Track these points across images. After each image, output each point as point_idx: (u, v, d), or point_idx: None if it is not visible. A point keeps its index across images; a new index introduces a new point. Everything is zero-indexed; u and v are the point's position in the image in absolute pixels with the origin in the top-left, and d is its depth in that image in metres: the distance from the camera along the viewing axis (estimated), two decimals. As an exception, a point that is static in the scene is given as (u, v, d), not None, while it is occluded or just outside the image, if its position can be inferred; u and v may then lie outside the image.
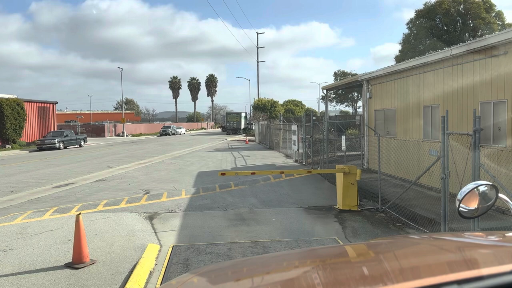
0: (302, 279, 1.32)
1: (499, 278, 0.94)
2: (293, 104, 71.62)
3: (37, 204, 10.71)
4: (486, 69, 8.11)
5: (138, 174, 16.47)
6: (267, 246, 6.85)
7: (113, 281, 5.31)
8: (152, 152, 27.74)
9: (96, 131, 56.12)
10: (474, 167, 5.78)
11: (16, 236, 7.57)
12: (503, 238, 1.60)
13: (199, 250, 6.65)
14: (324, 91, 19.95)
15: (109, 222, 8.38)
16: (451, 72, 9.29)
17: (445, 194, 6.51)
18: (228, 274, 1.63)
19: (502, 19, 35.17)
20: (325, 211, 9.36)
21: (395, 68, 11.87)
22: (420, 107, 10.56)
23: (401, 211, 8.34)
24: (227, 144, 36.63)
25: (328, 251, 1.90)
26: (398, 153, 10.98)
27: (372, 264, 1.44)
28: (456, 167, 6.20)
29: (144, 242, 7.03)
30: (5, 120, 33.96)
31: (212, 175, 15.24)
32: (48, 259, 6.20)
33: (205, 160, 21.57)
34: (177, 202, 10.63)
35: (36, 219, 8.90)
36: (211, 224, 8.36)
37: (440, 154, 6.63)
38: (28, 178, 15.99)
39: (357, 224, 8.12)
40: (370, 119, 13.96)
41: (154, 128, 71.81)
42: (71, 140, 34.68)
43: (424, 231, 7.36)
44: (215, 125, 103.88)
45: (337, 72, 61.78)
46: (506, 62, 7.51)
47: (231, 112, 75.49)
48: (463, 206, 1.95)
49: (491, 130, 7.98)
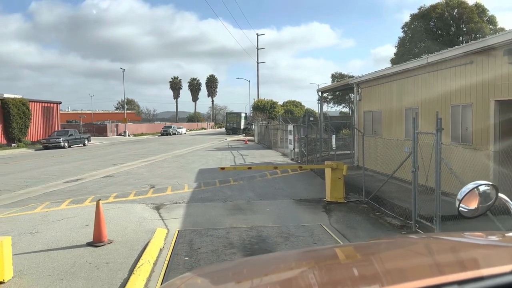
0: (302, 279, 1.32)
1: (500, 279, 0.93)
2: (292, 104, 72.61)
3: (52, 196, 11.71)
4: (456, 75, 9.13)
5: (143, 171, 17.47)
6: (260, 230, 7.84)
7: (129, 255, 6.31)
8: (155, 151, 28.74)
9: (98, 130, 57.09)
10: (437, 161, 6.78)
11: (39, 222, 8.56)
12: (503, 238, 1.59)
13: (202, 233, 7.64)
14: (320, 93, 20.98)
15: (121, 211, 9.38)
16: (427, 78, 10.31)
17: (415, 185, 7.51)
18: (229, 274, 1.63)
19: (495, 23, 36.25)
20: (314, 203, 10.35)
21: (382, 73, 12.88)
22: (402, 109, 11.57)
23: (382, 202, 9.35)
24: (227, 143, 37.60)
25: (328, 251, 1.89)
26: (383, 152, 11.99)
27: (372, 265, 1.44)
28: (424, 161, 7.21)
29: (153, 227, 8.03)
30: (11, 119, 34.99)
31: (212, 172, 16.22)
32: (71, 240, 7.19)
33: (205, 159, 22.56)
34: (180, 195, 11.62)
35: (54, 209, 9.89)
36: (211, 213, 9.36)
37: (411, 150, 7.64)
38: (39, 174, 16.98)
39: (341, 213, 9.12)
40: (360, 120, 15.00)
41: (155, 128, 72.74)
42: (75, 139, 35.68)
43: (399, 219, 8.35)
44: (216, 125, 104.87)
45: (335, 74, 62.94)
46: (472, 70, 8.52)
47: (231, 112, 76.53)
48: (463, 206, 1.92)
49: (460, 130, 9.00)
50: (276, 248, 6.74)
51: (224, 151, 28.08)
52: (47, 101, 42.56)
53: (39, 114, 40.06)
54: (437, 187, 6.74)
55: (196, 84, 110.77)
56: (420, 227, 7.48)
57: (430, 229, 7.12)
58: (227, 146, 34.20)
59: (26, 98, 37.41)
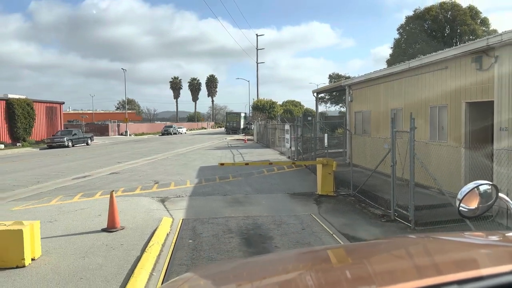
0: (302, 279, 1.32)
1: (499, 279, 0.94)
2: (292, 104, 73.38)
3: (64, 191, 12.60)
4: (434, 79, 10.04)
5: (146, 168, 18.37)
6: (256, 219, 8.75)
7: (140, 238, 7.21)
8: (157, 150, 29.65)
9: (100, 130, 57.97)
10: (411, 156, 7.69)
11: (56, 212, 9.46)
12: (503, 238, 1.59)
13: (203, 221, 8.55)
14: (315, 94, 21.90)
15: (129, 203, 10.28)
16: (410, 81, 11.23)
17: (393, 178, 8.42)
18: (230, 275, 1.64)
19: (487, 25, 37.21)
20: (307, 196, 11.25)
21: (370, 76, 13.79)
22: (388, 109, 12.47)
23: (367, 195, 10.27)
24: (227, 143, 38.49)
25: (328, 252, 1.88)
26: (372, 149, 12.90)
27: (372, 264, 1.44)
28: (401, 157, 8.11)
29: (159, 216, 8.93)
30: (16, 119, 35.90)
31: (212, 169, 17.13)
32: (87, 227, 8.08)
33: (206, 157, 23.46)
34: (183, 189, 12.52)
35: (68, 202, 10.79)
36: (212, 205, 10.27)
37: (390, 147, 8.55)
38: (48, 171, 17.89)
39: (330, 205, 10.03)
40: (351, 120, 15.93)
41: (156, 127, 73.58)
42: (79, 138, 36.57)
43: (381, 209, 9.26)
44: (215, 125, 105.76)
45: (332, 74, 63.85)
46: (447, 74, 9.44)
47: (231, 112, 77.49)
48: (463, 205, 1.92)
49: (437, 129, 9.92)
50: (269, 233, 7.64)
51: (224, 150, 28.97)
52: (50, 101, 43.45)
53: (42, 114, 40.94)
54: (411, 179, 7.65)
55: (196, 84, 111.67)
56: (399, 216, 8.38)
57: (406, 217, 8.01)
58: (227, 145, 35.09)
59: (30, 99, 38.31)
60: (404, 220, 8.05)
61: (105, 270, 5.66)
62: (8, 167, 20.11)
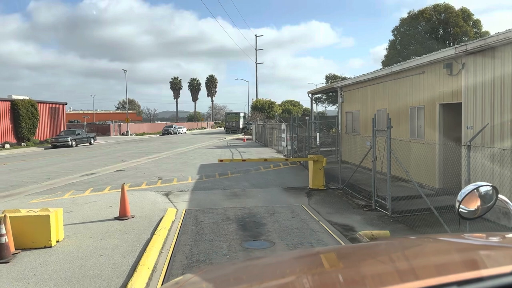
0: (302, 282, 1.32)
1: (499, 279, 0.94)
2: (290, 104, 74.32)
3: (74, 186, 13.58)
4: (413, 83, 11.03)
5: (149, 166, 19.36)
6: (252, 209, 9.73)
7: (149, 224, 8.20)
8: (158, 149, 30.64)
9: (102, 130, 58.94)
10: (388, 152, 8.67)
11: (70, 204, 10.44)
12: (503, 239, 1.60)
13: (204, 211, 9.54)
14: (310, 95, 22.89)
15: (137, 196, 11.26)
16: (393, 84, 12.22)
17: (374, 172, 9.41)
18: (229, 276, 1.65)
19: (479, 27, 38.22)
20: (299, 190, 12.23)
21: (359, 79, 14.78)
22: (375, 110, 13.44)
23: (353, 188, 11.26)
24: (226, 142, 39.47)
25: (328, 253, 1.89)
26: (360, 147, 13.90)
27: (372, 265, 1.44)
28: (380, 153, 9.10)
29: (165, 207, 9.92)
30: (20, 120, 36.89)
31: (212, 166, 18.12)
32: (100, 216, 9.07)
33: (206, 155, 24.45)
34: (185, 184, 13.51)
35: (80, 195, 11.77)
36: (212, 198, 11.25)
37: (371, 144, 9.54)
38: (56, 169, 18.87)
39: (319, 197, 11.02)
40: (343, 120, 16.94)
41: (156, 127, 74.56)
42: (82, 138, 37.54)
43: (364, 200, 10.25)
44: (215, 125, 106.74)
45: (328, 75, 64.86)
46: (424, 78, 10.43)
47: (230, 112, 78.54)
48: (463, 207, 1.91)
49: (416, 128, 10.91)
50: (263, 220, 8.63)
51: (224, 149, 29.95)
52: (53, 102, 44.40)
53: (46, 114, 41.89)
54: (388, 172, 8.64)
55: (196, 84, 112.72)
56: (379, 206, 9.37)
57: (385, 206, 9.00)
58: (226, 144, 36.06)
59: (34, 100, 39.27)
60: (383, 209, 9.04)
61: (121, 249, 6.65)
62: (17, 165, 21.09)
